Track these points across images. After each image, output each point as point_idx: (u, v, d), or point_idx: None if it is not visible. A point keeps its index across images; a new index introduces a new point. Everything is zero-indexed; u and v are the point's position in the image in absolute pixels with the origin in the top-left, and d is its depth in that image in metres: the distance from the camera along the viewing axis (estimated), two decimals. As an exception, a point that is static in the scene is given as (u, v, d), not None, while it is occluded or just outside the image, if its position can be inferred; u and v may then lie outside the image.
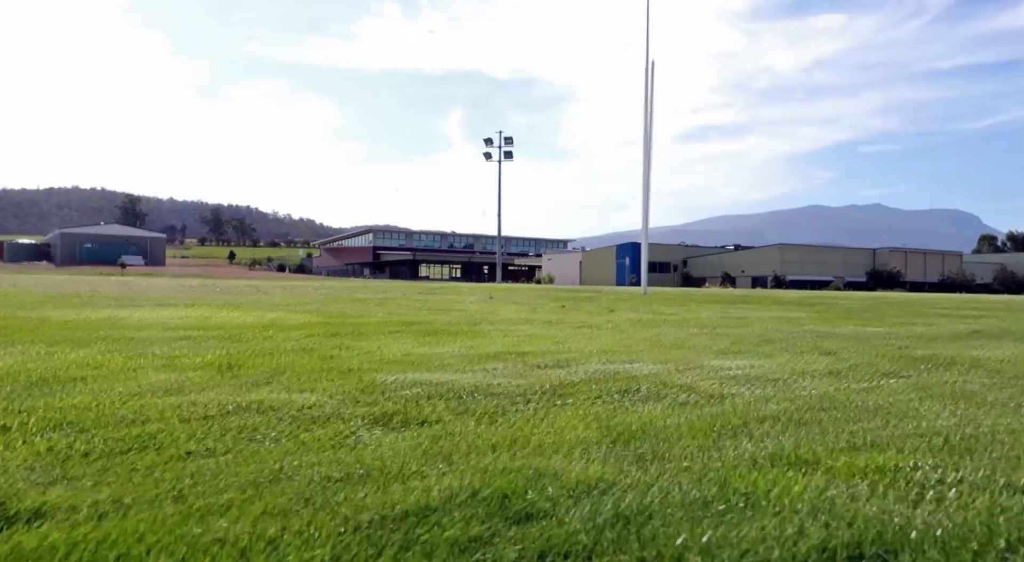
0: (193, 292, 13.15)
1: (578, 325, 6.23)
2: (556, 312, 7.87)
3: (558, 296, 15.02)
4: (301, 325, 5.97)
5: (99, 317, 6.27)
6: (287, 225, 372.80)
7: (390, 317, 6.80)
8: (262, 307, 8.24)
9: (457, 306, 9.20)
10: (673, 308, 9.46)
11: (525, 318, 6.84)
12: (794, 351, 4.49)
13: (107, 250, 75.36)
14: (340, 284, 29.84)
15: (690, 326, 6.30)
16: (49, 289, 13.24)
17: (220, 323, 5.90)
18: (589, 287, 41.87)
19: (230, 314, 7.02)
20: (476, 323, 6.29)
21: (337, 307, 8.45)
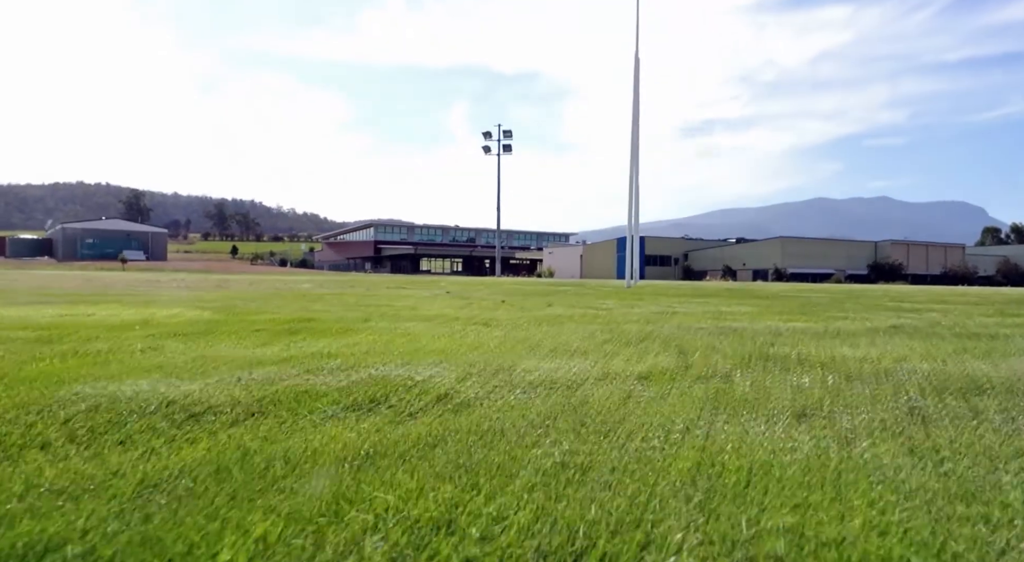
0: (134, 287, 12.81)
1: (482, 322, 5.89)
2: (490, 309, 7.64)
3: (533, 290, 14.89)
4: (165, 323, 5.50)
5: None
6: (291, 219, 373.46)
7: (296, 314, 6.32)
8: (165, 304, 7.77)
9: (396, 302, 8.96)
10: (628, 302, 9.28)
11: (441, 314, 6.57)
12: (648, 350, 4.23)
13: (108, 245, 75.49)
14: (323, 278, 29.21)
15: (600, 322, 6.03)
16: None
17: (67, 323, 5.34)
18: (585, 281, 41.75)
19: (108, 311, 6.46)
20: (369, 320, 5.90)
21: (258, 304, 8.02)
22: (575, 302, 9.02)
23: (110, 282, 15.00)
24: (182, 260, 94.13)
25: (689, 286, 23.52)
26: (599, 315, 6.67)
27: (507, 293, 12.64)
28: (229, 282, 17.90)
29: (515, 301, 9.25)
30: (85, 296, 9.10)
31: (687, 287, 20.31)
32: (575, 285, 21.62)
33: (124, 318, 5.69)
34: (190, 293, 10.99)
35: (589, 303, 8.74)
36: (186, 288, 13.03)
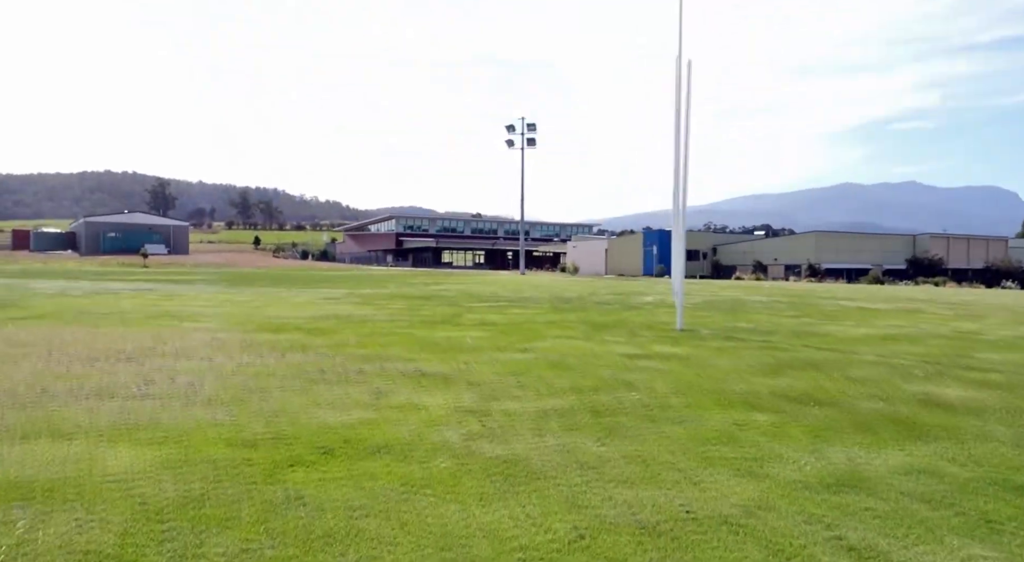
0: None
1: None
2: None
3: (578, 298, 13.57)
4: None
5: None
6: (313, 207, 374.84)
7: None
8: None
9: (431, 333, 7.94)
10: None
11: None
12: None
13: (131, 239, 75.48)
14: (327, 274, 28.48)
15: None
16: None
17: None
18: (621, 280, 40.24)
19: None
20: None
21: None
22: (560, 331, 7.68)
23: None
24: (204, 252, 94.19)
25: (783, 294, 21.96)
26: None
27: (554, 308, 11.21)
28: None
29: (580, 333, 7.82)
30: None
31: (770, 293, 18.74)
32: (614, 292, 20.25)
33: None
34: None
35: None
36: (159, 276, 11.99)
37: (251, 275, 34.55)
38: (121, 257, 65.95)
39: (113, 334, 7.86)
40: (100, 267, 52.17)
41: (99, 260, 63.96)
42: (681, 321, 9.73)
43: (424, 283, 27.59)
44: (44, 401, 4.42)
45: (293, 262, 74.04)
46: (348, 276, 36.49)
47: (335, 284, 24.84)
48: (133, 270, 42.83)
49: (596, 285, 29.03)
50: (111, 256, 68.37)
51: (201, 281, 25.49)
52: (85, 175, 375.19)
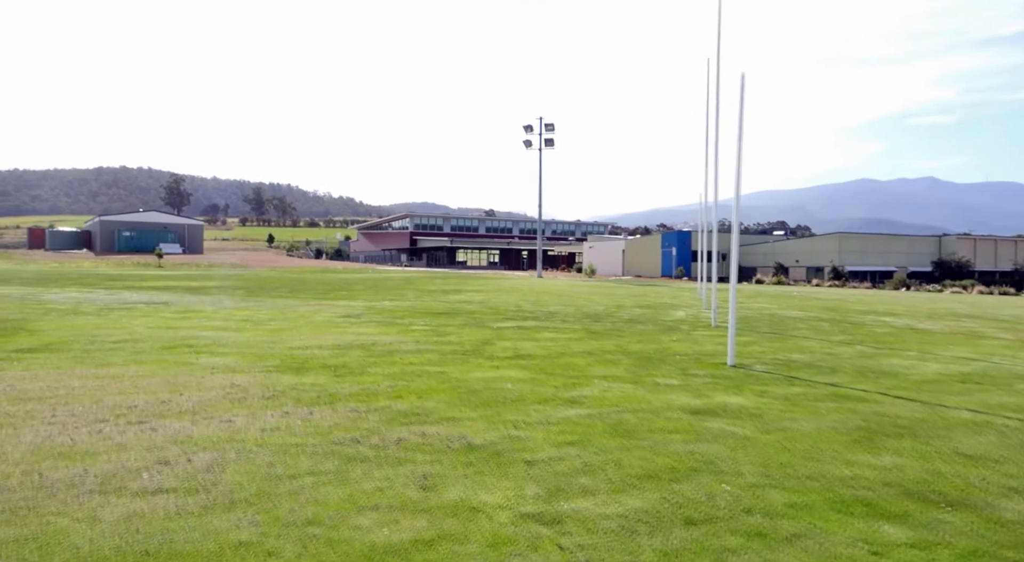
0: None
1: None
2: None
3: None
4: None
5: None
6: (327, 203, 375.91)
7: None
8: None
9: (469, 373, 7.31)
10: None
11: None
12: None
13: (145, 238, 75.47)
14: (344, 277, 27.64)
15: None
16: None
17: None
18: (628, 281, 39.44)
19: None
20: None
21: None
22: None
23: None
24: (218, 250, 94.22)
25: (818, 307, 21.12)
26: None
27: (587, 330, 10.46)
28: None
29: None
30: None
31: (803, 305, 17.83)
32: (641, 304, 19.51)
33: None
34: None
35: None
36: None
37: (268, 280, 34.09)
38: (136, 257, 65.95)
39: (124, 378, 7.24)
40: (115, 268, 52.05)
41: (114, 260, 63.95)
42: (733, 356, 8.98)
43: (443, 291, 26.97)
44: (40, 501, 3.78)
45: (308, 262, 73.76)
46: (364, 280, 35.94)
47: (353, 293, 24.28)
48: (148, 273, 42.56)
49: (619, 293, 28.27)
50: (126, 255, 68.40)
51: (217, 288, 25.00)
52: (101, 170, 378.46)
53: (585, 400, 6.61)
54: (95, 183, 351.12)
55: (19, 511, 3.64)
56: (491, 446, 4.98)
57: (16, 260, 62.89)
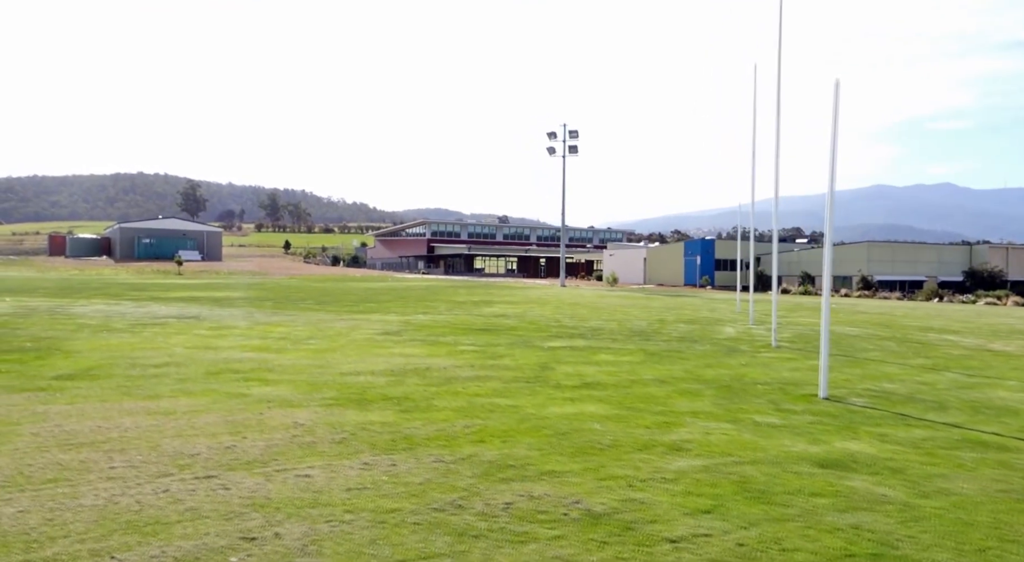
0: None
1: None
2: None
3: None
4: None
5: None
6: (341, 209, 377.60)
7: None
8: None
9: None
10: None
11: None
12: None
13: (164, 245, 75.52)
14: (367, 287, 26.93)
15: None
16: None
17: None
18: (652, 289, 38.63)
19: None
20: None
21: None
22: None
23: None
24: (236, 256, 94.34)
25: (869, 321, 20.28)
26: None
27: (644, 351, 9.69)
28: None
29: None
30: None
31: (852, 320, 16.84)
32: (683, 319, 18.79)
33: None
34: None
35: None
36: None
37: (292, 290, 33.65)
38: (156, 264, 65.97)
39: (177, 415, 6.65)
40: (136, 276, 51.98)
41: (134, 267, 63.94)
42: (825, 387, 8.26)
43: (472, 302, 26.37)
44: (118, 599, 3.16)
45: (326, 269, 73.52)
46: (388, 290, 35.43)
47: (382, 305, 23.72)
48: (170, 281, 42.34)
49: (653, 306, 27.53)
50: (145, 262, 68.44)
51: (243, 300, 24.55)
52: (119, 176, 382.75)
53: (690, 446, 5.94)
54: (113, 189, 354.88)
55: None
56: (615, 515, 4.31)
57: (38, 267, 63.02)
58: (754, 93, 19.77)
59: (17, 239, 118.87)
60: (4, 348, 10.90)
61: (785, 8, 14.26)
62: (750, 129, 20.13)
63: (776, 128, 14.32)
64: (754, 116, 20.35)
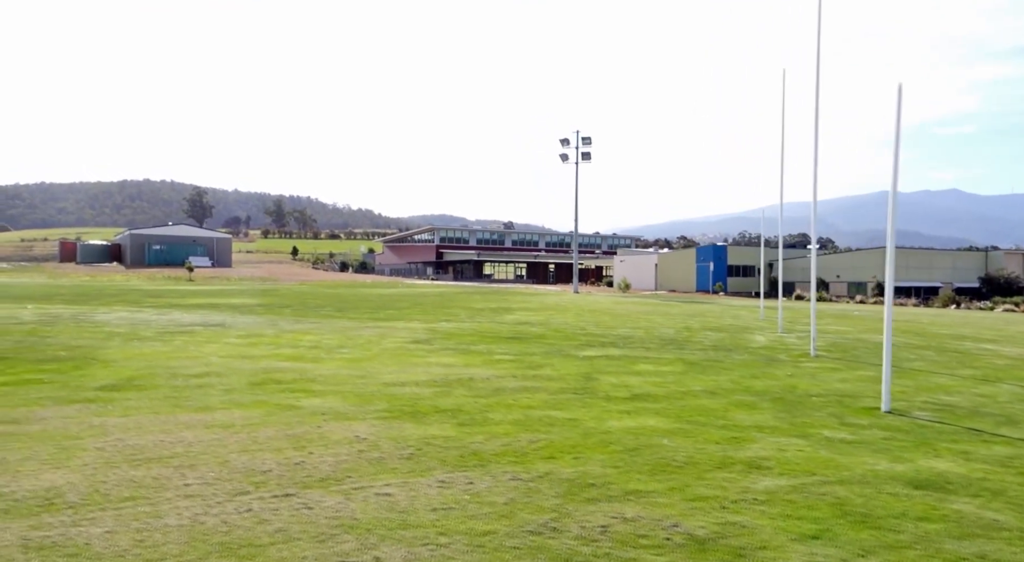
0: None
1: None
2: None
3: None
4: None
5: None
6: (346, 215, 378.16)
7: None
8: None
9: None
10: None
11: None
12: None
13: (175, 252, 75.61)
14: (381, 293, 26.83)
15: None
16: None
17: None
18: (665, 296, 38.41)
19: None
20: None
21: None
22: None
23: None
24: (245, 261, 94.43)
25: (898, 329, 20.04)
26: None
27: (683, 361, 9.55)
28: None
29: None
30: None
31: (880, 327, 16.59)
32: (708, 326, 18.59)
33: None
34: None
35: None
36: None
37: (307, 297, 33.54)
38: (166, 270, 66.00)
39: (236, 428, 6.50)
40: (149, 282, 51.96)
41: (145, 273, 63.98)
42: (888, 401, 8.07)
43: (491, 309, 26.20)
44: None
45: (335, 275, 73.48)
46: (403, 296, 35.28)
47: (402, 312, 23.57)
48: (184, 288, 42.30)
49: (674, 313, 27.31)
50: (156, 269, 68.48)
51: (263, 307, 24.44)
52: (125, 183, 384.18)
53: (769, 464, 5.75)
54: (119, 196, 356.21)
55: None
56: (720, 540, 4.13)
57: (49, 273, 63.12)
58: (782, 100, 19.65)
59: (26, 245, 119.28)
60: (40, 357, 10.79)
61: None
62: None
63: (815, 133, 14.18)
64: (782, 122, 20.22)
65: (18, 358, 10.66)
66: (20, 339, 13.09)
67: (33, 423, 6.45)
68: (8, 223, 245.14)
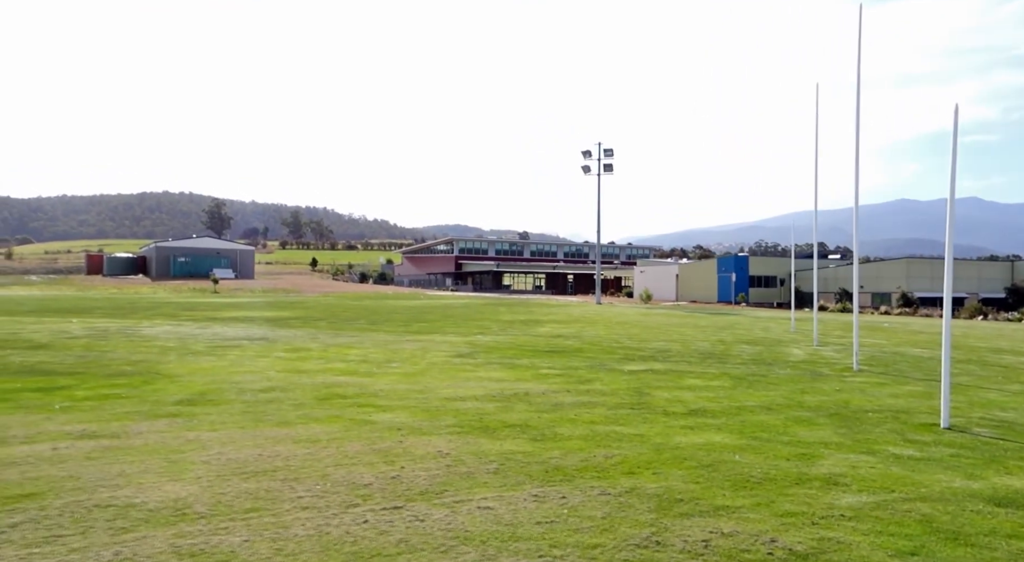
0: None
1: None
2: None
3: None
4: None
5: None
6: (362, 226, 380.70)
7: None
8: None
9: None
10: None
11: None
12: None
13: (199, 264, 76.69)
14: (407, 305, 27.24)
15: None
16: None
17: None
18: (688, 306, 38.43)
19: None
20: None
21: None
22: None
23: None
24: (265, 273, 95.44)
25: (930, 342, 20.08)
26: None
27: (728, 375, 9.75)
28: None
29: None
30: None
31: (912, 339, 16.77)
32: (742, 339, 18.71)
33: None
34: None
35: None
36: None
37: (336, 309, 33.97)
38: (191, 282, 66.94)
39: (323, 443, 6.78)
40: (176, 294, 52.78)
41: (171, 285, 64.97)
42: (947, 417, 8.20)
43: (521, 321, 26.44)
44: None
45: (356, 287, 74.12)
46: (429, 308, 35.63)
47: (433, 324, 23.86)
48: (215, 300, 42.91)
49: (703, 325, 27.39)
50: (181, 281, 69.47)
51: (298, 320, 24.84)
52: (145, 196, 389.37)
53: (846, 481, 5.92)
54: (139, 208, 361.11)
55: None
56: (820, 556, 4.32)
57: (78, 286, 64.29)
58: (816, 111, 19.82)
59: (51, 258, 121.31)
60: (109, 372, 11.16)
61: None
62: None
63: (856, 142, 14.34)
64: (816, 133, 20.38)
65: (88, 373, 11.04)
66: (81, 354, 13.50)
67: (133, 437, 6.77)
68: (31, 235, 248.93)
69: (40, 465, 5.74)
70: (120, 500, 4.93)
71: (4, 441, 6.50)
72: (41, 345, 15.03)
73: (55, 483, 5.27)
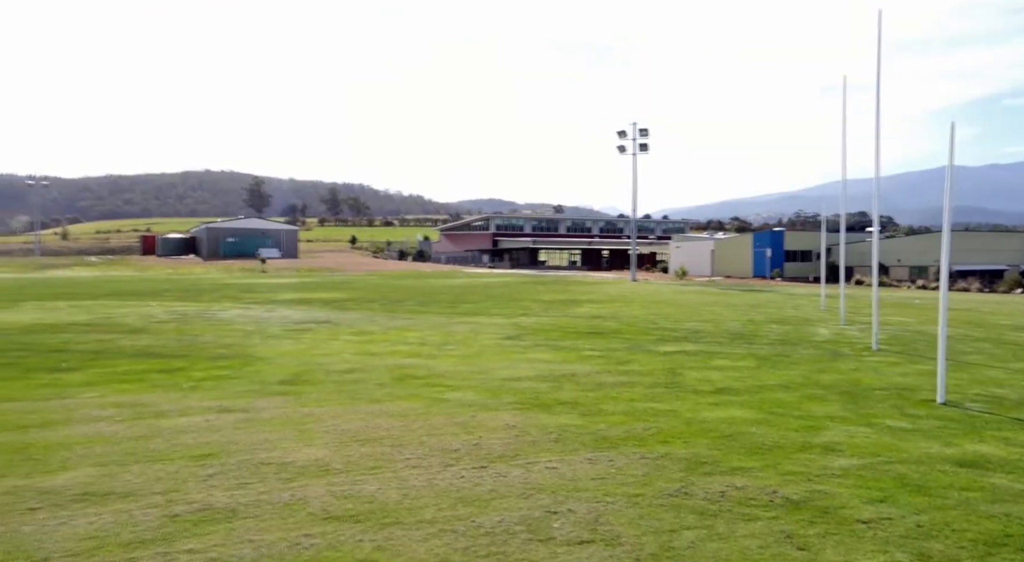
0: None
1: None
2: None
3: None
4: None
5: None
6: (397, 201, 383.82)
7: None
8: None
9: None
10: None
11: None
12: None
13: (247, 244, 79.77)
14: (449, 284, 29.44)
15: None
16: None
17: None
18: (722, 281, 39.25)
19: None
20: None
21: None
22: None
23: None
24: (308, 251, 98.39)
25: (961, 321, 20.97)
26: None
27: (754, 356, 11.13)
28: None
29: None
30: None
31: (947, 319, 17.78)
32: (772, 319, 19.80)
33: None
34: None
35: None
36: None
37: (383, 289, 35.78)
38: (239, 261, 69.82)
39: (411, 417, 8.29)
40: (227, 274, 55.49)
41: (221, 265, 68.01)
42: (943, 393, 9.38)
43: (559, 301, 27.81)
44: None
45: (397, 265, 76.23)
46: (471, 288, 37.25)
47: (477, 306, 25.37)
48: (263, 280, 45.21)
49: (736, 303, 28.40)
50: (230, 260, 72.47)
51: (352, 302, 26.63)
52: (188, 174, 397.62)
53: (841, 448, 7.22)
54: (181, 186, 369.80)
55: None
56: (810, 502, 5.68)
57: (135, 267, 67.74)
58: (843, 102, 20.46)
59: (103, 238, 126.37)
60: (209, 355, 12.93)
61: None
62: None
63: (876, 119, 15.19)
64: (843, 124, 21.07)
65: (193, 355, 12.83)
66: (177, 338, 15.36)
67: (260, 412, 8.41)
68: (79, 214, 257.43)
69: (203, 433, 7.40)
70: (275, 459, 6.53)
71: (166, 414, 8.20)
72: (138, 329, 16.97)
73: (222, 446, 6.91)
